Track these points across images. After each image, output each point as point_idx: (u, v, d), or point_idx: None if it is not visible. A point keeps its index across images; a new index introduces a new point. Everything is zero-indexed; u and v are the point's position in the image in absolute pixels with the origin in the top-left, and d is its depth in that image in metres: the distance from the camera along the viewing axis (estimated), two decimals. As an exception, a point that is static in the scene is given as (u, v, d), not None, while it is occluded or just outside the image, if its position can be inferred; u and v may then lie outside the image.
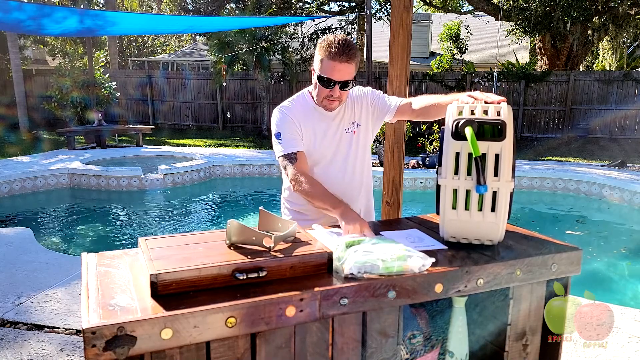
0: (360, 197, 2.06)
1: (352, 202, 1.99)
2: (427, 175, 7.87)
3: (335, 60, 1.76)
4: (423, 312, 1.44)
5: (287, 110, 1.94)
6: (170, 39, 27.77)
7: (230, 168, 8.97)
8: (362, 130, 2.01)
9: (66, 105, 12.72)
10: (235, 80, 14.81)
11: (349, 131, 1.99)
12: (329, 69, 1.78)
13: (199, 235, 1.31)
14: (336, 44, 1.76)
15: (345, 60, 1.77)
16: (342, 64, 1.77)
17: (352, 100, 2.01)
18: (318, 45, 1.85)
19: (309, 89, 1.99)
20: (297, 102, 1.98)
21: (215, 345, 1.02)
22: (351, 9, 16.09)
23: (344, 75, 1.79)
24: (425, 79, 13.83)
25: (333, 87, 1.81)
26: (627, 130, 12.71)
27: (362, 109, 2.01)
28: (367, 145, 2.06)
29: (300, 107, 1.96)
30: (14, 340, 2.78)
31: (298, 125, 1.92)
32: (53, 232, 6.11)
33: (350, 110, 2.00)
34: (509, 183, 1.30)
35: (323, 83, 1.82)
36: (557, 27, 12.37)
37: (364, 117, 2.01)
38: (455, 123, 1.30)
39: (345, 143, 1.98)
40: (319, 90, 1.86)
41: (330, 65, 1.78)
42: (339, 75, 1.79)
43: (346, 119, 1.99)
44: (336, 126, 1.97)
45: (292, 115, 1.93)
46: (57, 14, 5.36)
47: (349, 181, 2.00)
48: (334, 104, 1.87)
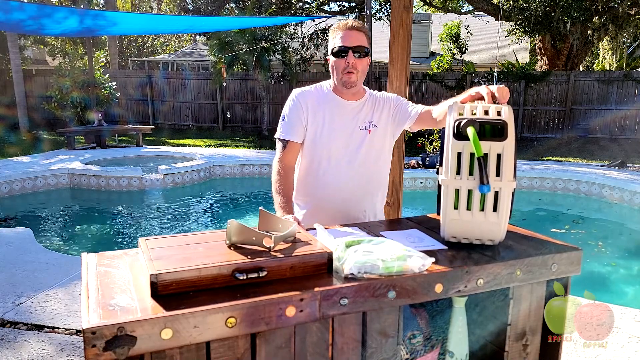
0: (367, 198, 2.02)
1: (357, 202, 1.98)
2: (427, 175, 7.87)
3: (344, 30, 1.84)
4: (423, 312, 1.44)
5: (300, 96, 1.96)
6: (170, 39, 27.77)
7: (230, 168, 8.97)
8: (379, 133, 1.98)
9: (66, 105, 12.73)
10: (235, 80, 14.81)
11: (363, 128, 1.96)
12: (339, 39, 1.85)
13: (199, 235, 1.30)
14: (343, 20, 1.89)
15: (354, 28, 1.84)
16: (351, 31, 1.84)
17: (374, 101, 2.00)
18: (329, 32, 1.94)
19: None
20: (317, 87, 2.01)
21: (215, 345, 1.02)
22: (351, 9, 16.09)
23: (354, 41, 1.84)
24: (425, 79, 13.83)
25: (347, 55, 1.84)
26: (627, 130, 12.71)
27: (384, 112, 1.99)
28: (384, 149, 2.02)
29: (318, 93, 1.98)
30: (14, 340, 2.78)
31: (306, 112, 1.93)
32: (53, 232, 6.11)
33: (370, 110, 1.98)
34: (511, 183, 1.30)
35: (337, 54, 1.86)
36: (557, 27, 12.36)
37: (384, 120, 1.99)
38: (457, 123, 1.30)
39: (357, 140, 1.96)
40: (335, 67, 1.89)
41: (340, 35, 1.85)
42: (349, 41, 1.83)
43: (362, 116, 1.97)
44: (350, 119, 1.96)
45: (303, 100, 1.95)
46: (58, 14, 5.36)
47: (354, 180, 1.97)
48: (352, 76, 1.87)
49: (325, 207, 1.97)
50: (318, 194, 1.99)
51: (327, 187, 1.96)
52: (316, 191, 1.99)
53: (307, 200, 2.02)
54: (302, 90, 1.99)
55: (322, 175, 1.96)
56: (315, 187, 1.99)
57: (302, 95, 1.96)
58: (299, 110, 1.93)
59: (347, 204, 1.97)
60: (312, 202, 2.01)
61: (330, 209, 1.96)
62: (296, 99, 1.96)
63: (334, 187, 1.96)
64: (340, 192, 1.96)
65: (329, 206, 1.96)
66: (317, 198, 1.99)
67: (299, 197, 2.05)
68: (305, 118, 1.94)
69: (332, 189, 1.96)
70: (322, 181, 1.96)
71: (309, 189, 2.01)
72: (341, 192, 1.96)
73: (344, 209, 1.96)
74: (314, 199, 2.00)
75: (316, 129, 1.94)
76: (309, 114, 1.94)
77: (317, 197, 1.99)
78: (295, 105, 1.95)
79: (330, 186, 1.96)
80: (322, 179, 1.96)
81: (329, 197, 1.96)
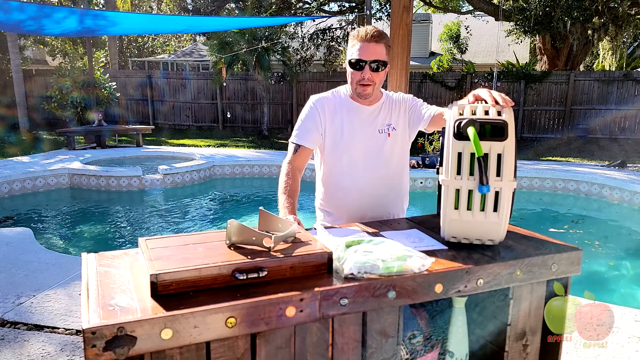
0: (390, 200, 2.00)
1: (381, 203, 1.97)
2: (427, 175, 7.87)
3: (362, 41, 1.81)
4: (423, 312, 1.44)
5: (317, 102, 1.96)
6: (170, 39, 27.77)
7: (230, 168, 8.97)
8: (399, 135, 1.97)
9: (66, 105, 12.73)
10: (235, 80, 14.81)
11: (383, 132, 1.95)
12: (357, 51, 1.82)
13: (199, 235, 1.30)
14: (363, 28, 1.84)
15: (372, 40, 1.80)
16: (369, 44, 1.80)
17: (391, 103, 1.99)
18: (349, 37, 1.91)
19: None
20: (335, 92, 2.00)
21: (215, 345, 1.02)
22: (351, 9, 16.08)
23: (371, 55, 1.81)
24: (425, 79, 13.83)
25: (363, 68, 1.82)
26: (627, 130, 12.71)
27: (400, 113, 1.98)
28: (403, 149, 2.01)
29: (335, 99, 1.97)
30: (14, 340, 2.78)
31: (323, 118, 1.93)
32: (53, 232, 6.11)
33: (388, 113, 1.97)
34: (512, 183, 1.30)
35: (353, 66, 1.84)
36: (557, 27, 12.37)
37: (402, 122, 1.98)
38: (457, 123, 1.30)
39: (378, 144, 1.94)
40: (351, 76, 1.88)
41: (358, 47, 1.82)
42: (366, 54, 1.81)
43: (380, 119, 1.96)
44: (369, 124, 1.94)
45: (320, 106, 1.94)
46: (58, 14, 5.36)
47: (378, 182, 1.95)
48: (368, 88, 1.86)
49: (349, 211, 1.95)
50: (342, 199, 1.97)
51: (351, 190, 1.95)
52: (339, 196, 1.98)
53: (332, 207, 2.01)
54: (320, 97, 1.98)
55: (345, 179, 1.95)
56: (337, 192, 1.98)
57: (319, 101, 1.96)
58: (315, 116, 1.93)
59: (371, 206, 1.95)
60: (336, 206, 1.99)
61: (355, 213, 1.93)
62: (314, 105, 1.95)
63: (358, 190, 1.94)
64: (364, 195, 1.94)
65: (354, 210, 1.95)
66: (341, 202, 1.98)
67: (323, 203, 2.04)
68: (323, 124, 1.93)
69: (356, 193, 1.94)
70: (346, 185, 1.95)
71: (332, 195, 2.00)
72: (365, 196, 1.94)
73: (369, 211, 1.94)
74: (338, 204, 1.99)
75: (335, 135, 1.94)
76: (327, 120, 1.93)
77: (341, 202, 1.98)
78: (312, 111, 1.94)
79: (354, 190, 1.94)
80: (345, 183, 1.95)
81: (354, 201, 1.95)
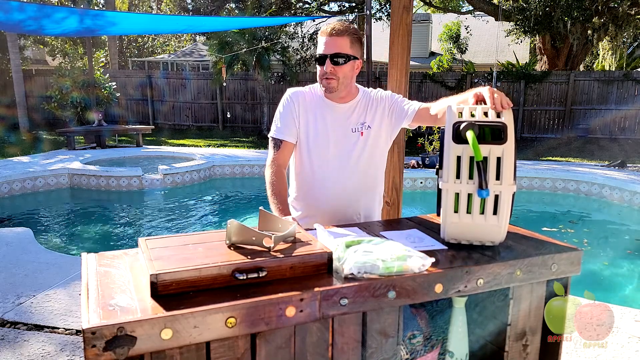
0: (361, 201, 2.00)
1: (350, 204, 1.97)
2: (427, 175, 7.87)
3: (325, 36, 1.83)
4: (423, 312, 1.44)
5: (293, 95, 1.96)
6: (170, 39, 27.76)
7: (230, 168, 8.97)
8: (373, 134, 1.96)
9: (66, 105, 12.73)
10: (235, 80, 14.81)
11: (356, 131, 1.94)
12: (321, 46, 1.84)
13: (199, 235, 1.30)
14: (330, 24, 1.85)
15: (333, 34, 1.81)
16: (330, 38, 1.81)
17: (368, 101, 1.97)
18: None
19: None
20: (312, 88, 2.00)
21: (215, 345, 1.02)
22: (351, 9, 16.09)
23: (332, 48, 1.81)
24: (425, 79, 13.83)
25: (325, 63, 1.83)
26: (627, 130, 12.72)
27: (377, 112, 1.96)
28: (378, 149, 1.99)
29: (311, 94, 1.97)
30: (14, 340, 2.78)
31: (297, 111, 1.93)
32: (53, 232, 6.11)
33: (363, 111, 1.96)
34: (511, 186, 1.29)
35: (317, 61, 1.87)
36: (557, 27, 12.37)
37: (377, 121, 1.96)
38: (456, 126, 1.29)
39: (350, 142, 1.94)
40: (318, 72, 1.89)
41: (321, 41, 1.84)
42: (328, 49, 1.82)
43: (354, 118, 1.95)
44: (341, 122, 1.94)
45: (296, 99, 1.95)
46: (57, 14, 5.36)
47: (348, 183, 1.95)
48: (332, 82, 1.85)
49: (319, 210, 1.95)
50: (312, 197, 1.98)
51: (321, 190, 1.95)
52: (310, 194, 1.98)
53: (301, 203, 2.02)
54: (296, 90, 1.98)
55: (315, 178, 1.95)
56: (308, 190, 1.98)
57: (295, 95, 1.96)
58: (291, 109, 1.93)
59: (341, 207, 1.95)
60: (306, 205, 2.00)
61: (325, 212, 1.94)
62: (290, 98, 1.96)
63: (327, 190, 1.94)
64: (333, 195, 1.94)
65: (323, 209, 1.95)
66: (310, 201, 1.98)
67: (293, 199, 2.04)
68: (297, 118, 1.93)
69: (326, 192, 1.94)
70: (315, 184, 1.95)
71: (302, 192, 2.01)
72: (334, 195, 1.94)
73: (339, 211, 1.95)
74: (308, 202, 1.99)
75: (307, 131, 1.93)
76: (300, 114, 1.93)
77: (311, 200, 1.98)
78: (288, 104, 1.95)
79: (324, 189, 1.94)
80: (315, 182, 1.95)
81: (323, 200, 1.95)
